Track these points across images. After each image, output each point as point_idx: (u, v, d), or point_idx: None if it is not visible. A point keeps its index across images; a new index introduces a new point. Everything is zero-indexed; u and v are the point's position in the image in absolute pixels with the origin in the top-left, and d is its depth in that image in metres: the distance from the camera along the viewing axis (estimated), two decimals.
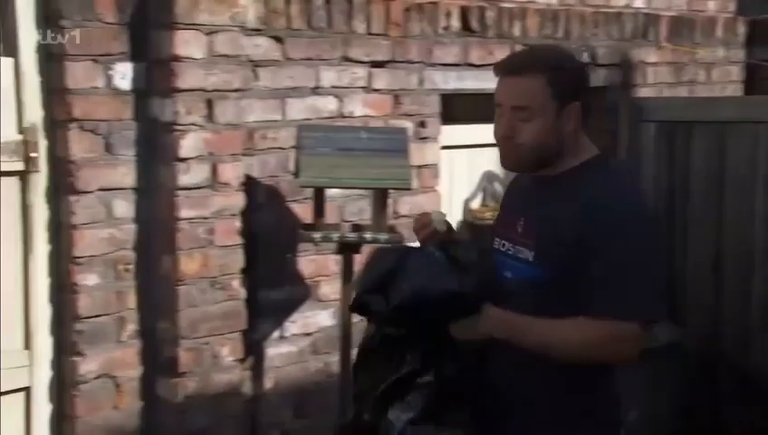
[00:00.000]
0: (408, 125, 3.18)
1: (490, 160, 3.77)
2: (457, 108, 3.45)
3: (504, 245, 1.81)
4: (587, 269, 1.65)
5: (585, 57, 3.70)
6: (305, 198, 2.90)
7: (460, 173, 3.65)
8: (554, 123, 1.73)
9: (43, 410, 2.56)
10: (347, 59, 3.00)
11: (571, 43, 3.65)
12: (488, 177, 3.73)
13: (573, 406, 1.71)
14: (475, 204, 3.70)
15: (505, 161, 1.79)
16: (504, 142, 1.77)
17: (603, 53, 3.76)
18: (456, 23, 3.30)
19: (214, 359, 2.68)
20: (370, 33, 3.06)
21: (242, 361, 2.78)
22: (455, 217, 3.62)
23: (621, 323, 1.64)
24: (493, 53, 3.41)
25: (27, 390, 2.53)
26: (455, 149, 3.57)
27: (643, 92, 3.91)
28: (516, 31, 3.47)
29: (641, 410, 3.07)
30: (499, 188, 3.74)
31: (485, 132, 3.67)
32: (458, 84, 3.35)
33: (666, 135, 3.68)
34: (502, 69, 1.79)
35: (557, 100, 1.72)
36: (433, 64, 3.25)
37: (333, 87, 2.99)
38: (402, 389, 1.68)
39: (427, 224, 1.83)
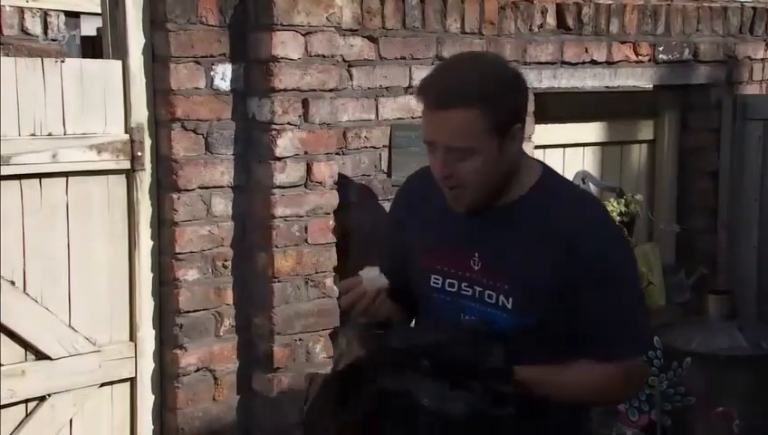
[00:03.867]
0: None
1: (584, 160, 3.69)
2: (552, 107, 3.39)
3: (453, 284, 1.58)
4: (577, 310, 1.52)
5: (686, 54, 3.58)
6: None
7: None
8: (496, 156, 1.51)
9: (146, 400, 2.65)
10: (440, 58, 2.99)
11: (671, 40, 3.54)
12: (582, 176, 3.66)
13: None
14: None
15: (455, 205, 1.56)
16: (444, 184, 1.54)
17: (706, 49, 3.63)
18: (551, 20, 3.25)
19: (307, 355, 2.72)
20: (464, 32, 3.04)
21: None
22: None
23: (632, 362, 1.57)
24: (589, 50, 3.35)
25: (132, 380, 2.62)
26: (549, 148, 3.52)
27: (748, 90, 3.76)
28: (614, 28, 3.39)
29: (746, 421, 2.94)
30: (593, 188, 3.67)
31: (580, 131, 3.64)
32: (553, 83, 3.29)
33: None
34: (426, 100, 1.52)
35: (496, 130, 1.49)
36: (527, 63, 3.20)
37: None
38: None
39: (360, 294, 1.58)
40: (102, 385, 2.58)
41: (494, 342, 1.50)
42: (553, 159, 3.58)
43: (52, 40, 3.42)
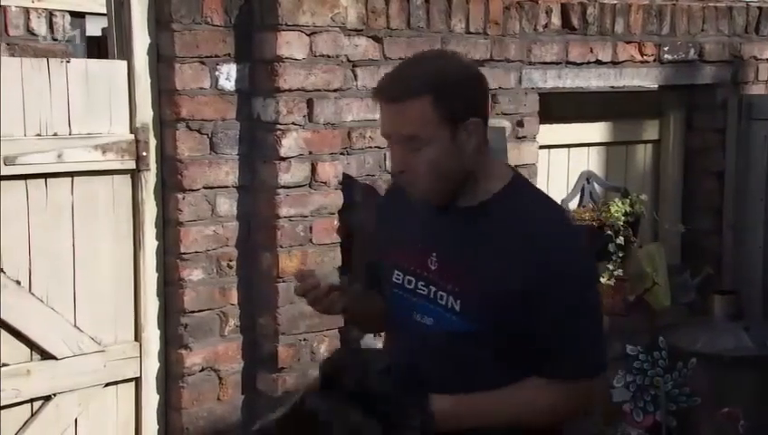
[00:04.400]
0: (506, 124, 3.14)
1: (589, 160, 3.69)
2: (556, 107, 3.39)
3: (411, 281, 1.59)
4: (533, 324, 1.49)
5: (692, 54, 3.57)
6: None
7: (558, 173, 3.59)
8: (450, 148, 1.50)
9: (151, 399, 2.65)
10: None
11: (677, 40, 3.53)
12: (587, 176, 3.65)
13: None
14: (573, 204, 3.62)
15: (414, 192, 1.57)
16: (401, 177, 1.56)
17: (711, 49, 3.62)
18: (556, 20, 3.24)
19: (312, 355, 2.72)
20: (469, 32, 3.04)
21: None
22: None
23: (589, 382, 1.54)
24: (594, 50, 3.34)
25: (137, 380, 2.63)
26: (553, 148, 3.52)
27: (754, 90, 3.75)
28: (619, 28, 3.38)
29: (752, 422, 2.93)
30: (598, 188, 3.66)
31: (585, 131, 3.64)
32: (557, 83, 3.29)
33: None
34: (380, 95, 1.54)
35: (449, 120, 1.49)
36: (532, 63, 3.20)
37: None
38: None
39: (314, 285, 1.62)
40: (107, 385, 2.58)
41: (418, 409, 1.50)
42: (558, 159, 3.58)
43: (58, 40, 3.43)
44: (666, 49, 3.51)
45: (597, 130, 3.67)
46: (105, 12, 2.65)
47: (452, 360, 1.55)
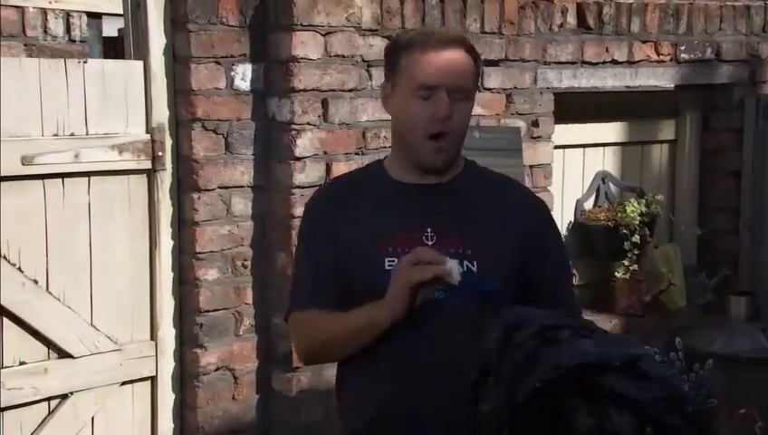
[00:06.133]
0: (521, 124, 3.13)
1: (605, 160, 3.67)
2: (572, 106, 3.37)
3: None
4: (533, 273, 1.60)
5: (709, 53, 3.55)
6: None
7: (573, 173, 3.57)
8: (471, 111, 1.63)
9: (167, 398, 2.66)
10: None
11: (693, 39, 3.51)
12: (602, 177, 3.63)
13: None
14: (588, 204, 3.61)
15: (435, 159, 1.55)
16: (438, 128, 1.53)
17: (728, 49, 3.59)
18: (571, 20, 3.23)
19: None
20: (484, 32, 3.03)
21: None
22: (566, 218, 3.55)
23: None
24: (609, 50, 3.33)
25: (153, 379, 2.64)
26: (568, 148, 3.50)
27: None
28: (635, 27, 3.36)
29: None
30: (613, 188, 3.65)
31: (600, 131, 3.62)
32: (573, 82, 3.27)
33: None
34: (427, 44, 1.53)
35: (476, 81, 1.64)
36: (547, 62, 3.19)
37: None
38: None
39: (432, 262, 1.48)
40: (123, 383, 2.60)
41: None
42: (573, 160, 3.56)
43: (74, 41, 3.45)
44: (682, 48, 3.49)
45: (612, 131, 3.65)
46: (121, 12, 2.67)
47: (466, 327, 1.51)
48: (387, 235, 1.59)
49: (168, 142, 2.59)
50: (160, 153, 2.57)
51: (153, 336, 2.63)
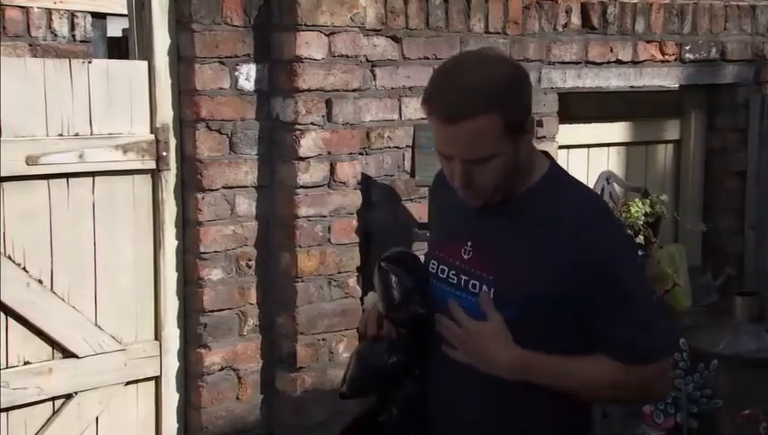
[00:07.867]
0: None
1: (609, 160, 3.66)
2: (576, 106, 3.37)
3: (444, 271, 1.58)
4: (587, 311, 1.48)
5: (713, 53, 3.54)
6: (421, 197, 2.90)
7: (578, 173, 3.56)
8: (513, 154, 1.47)
9: (171, 398, 2.67)
10: None
11: (698, 39, 3.50)
12: (607, 177, 3.63)
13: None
14: None
15: (476, 201, 1.53)
16: (465, 191, 1.50)
17: (734, 49, 3.59)
18: (576, 20, 3.23)
19: (330, 355, 2.72)
20: (488, 32, 3.03)
21: None
22: None
23: (644, 366, 1.50)
24: (614, 50, 3.32)
25: (157, 379, 2.64)
26: (573, 148, 3.50)
27: None
28: (640, 27, 3.36)
29: None
30: (618, 188, 3.64)
31: (605, 131, 3.61)
32: (577, 82, 3.27)
33: None
34: (438, 115, 1.45)
35: (512, 130, 1.45)
36: (551, 62, 3.19)
37: None
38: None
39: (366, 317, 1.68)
40: (128, 383, 2.60)
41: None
42: (578, 160, 3.56)
43: (79, 41, 3.45)
44: (687, 48, 3.49)
45: (617, 130, 3.65)
46: (126, 13, 2.67)
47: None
48: (439, 238, 1.66)
49: (173, 142, 2.59)
50: (164, 153, 2.57)
51: (157, 336, 2.64)
